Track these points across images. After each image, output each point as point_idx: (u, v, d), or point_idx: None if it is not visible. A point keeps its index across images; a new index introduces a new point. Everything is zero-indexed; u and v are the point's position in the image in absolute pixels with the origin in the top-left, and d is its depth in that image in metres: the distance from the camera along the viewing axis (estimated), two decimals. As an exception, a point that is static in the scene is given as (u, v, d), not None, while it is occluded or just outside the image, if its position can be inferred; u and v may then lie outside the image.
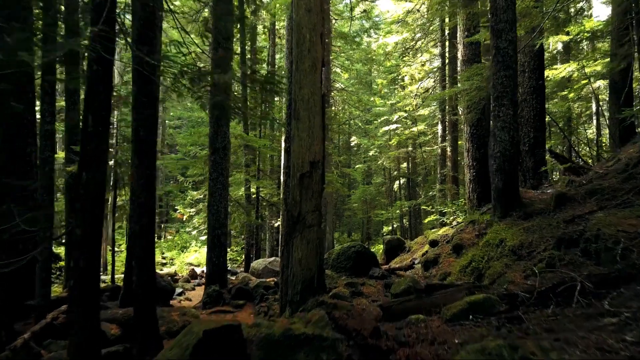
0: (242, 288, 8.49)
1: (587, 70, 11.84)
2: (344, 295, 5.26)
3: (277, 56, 22.11)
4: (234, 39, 10.73)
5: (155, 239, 28.01)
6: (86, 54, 4.53)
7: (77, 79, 7.12)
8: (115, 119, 10.67)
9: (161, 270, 18.93)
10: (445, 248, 7.57)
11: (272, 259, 13.93)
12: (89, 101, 4.18)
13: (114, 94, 7.59)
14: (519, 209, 5.93)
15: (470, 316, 3.37)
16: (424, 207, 19.80)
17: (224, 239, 9.05)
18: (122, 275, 9.90)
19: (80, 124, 5.97)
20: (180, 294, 12.52)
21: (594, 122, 18.35)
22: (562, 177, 7.11)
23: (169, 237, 32.59)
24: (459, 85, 9.13)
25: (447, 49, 18.62)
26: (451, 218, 14.85)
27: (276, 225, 17.42)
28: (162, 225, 34.15)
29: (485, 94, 8.10)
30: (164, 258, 22.24)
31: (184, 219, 27.25)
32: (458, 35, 9.57)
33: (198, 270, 17.44)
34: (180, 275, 17.09)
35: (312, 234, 5.11)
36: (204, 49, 9.75)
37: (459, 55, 9.58)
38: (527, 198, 6.42)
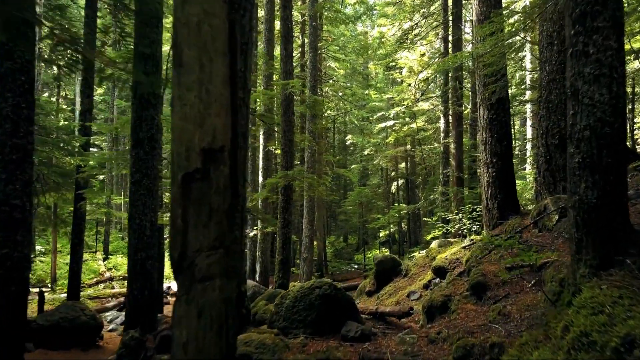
0: (169, 336, 6.05)
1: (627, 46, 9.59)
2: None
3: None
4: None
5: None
6: None
7: None
8: None
9: (122, 287, 16.76)
10: (458, 285, 5.13)
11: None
12: None
13: None
14: (635, 251, 2.66)
15: None
16: (426, 219, 17.46)
17: (151, 264, 6.58)
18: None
19: None
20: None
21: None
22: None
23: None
24: (469, 49, 6.72)
25: (450, 31, 16.38)
26: (457, 226, 12.71)
27: (251, 234, 15.02)
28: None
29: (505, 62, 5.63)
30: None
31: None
32: (472, -15, 7.22)
33: (165, 285, 15.15)
34: (140, 293, 14.75)
35: (209, 293, 2.51)
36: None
37: (473, 14, 7.18)
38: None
